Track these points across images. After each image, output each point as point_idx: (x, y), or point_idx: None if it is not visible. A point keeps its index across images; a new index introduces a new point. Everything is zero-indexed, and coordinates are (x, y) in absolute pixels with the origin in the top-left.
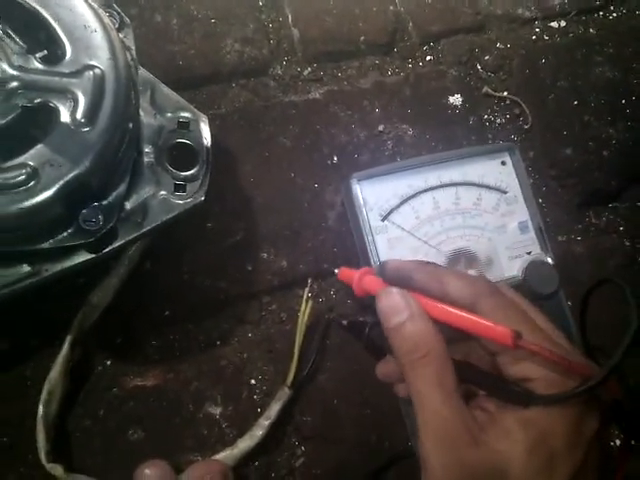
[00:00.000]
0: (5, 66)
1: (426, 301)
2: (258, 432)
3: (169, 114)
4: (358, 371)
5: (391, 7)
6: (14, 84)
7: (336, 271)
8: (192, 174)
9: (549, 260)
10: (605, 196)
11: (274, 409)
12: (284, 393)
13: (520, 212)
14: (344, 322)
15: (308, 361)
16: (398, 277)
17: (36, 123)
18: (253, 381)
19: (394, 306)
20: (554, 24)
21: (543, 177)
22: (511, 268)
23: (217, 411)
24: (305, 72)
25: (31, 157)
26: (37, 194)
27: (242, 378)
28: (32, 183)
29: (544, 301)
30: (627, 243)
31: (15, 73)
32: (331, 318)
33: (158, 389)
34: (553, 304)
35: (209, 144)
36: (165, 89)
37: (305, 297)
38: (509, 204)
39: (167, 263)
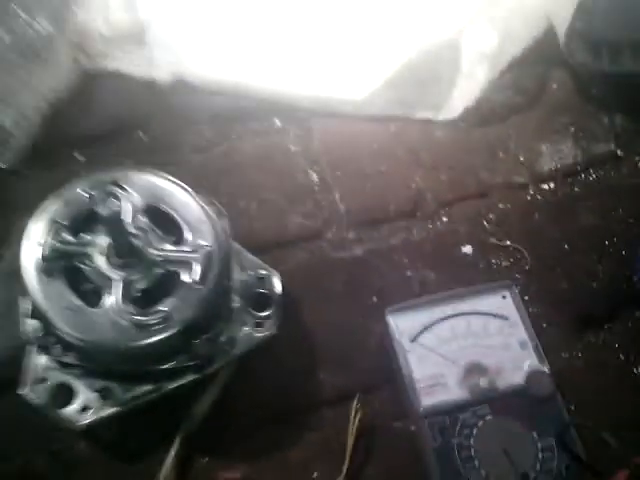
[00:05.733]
0: (151, 250)
1: None
2: None
3: (251, 272)
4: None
5: (413, 185)
6: (156, 259)
7: None
8: (268, 314)
9: (545, 370)
10: (599, 319)
11: None
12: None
13: (520, 333)
14: None
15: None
16: None
17: (169, 283)
18: (316, 474)
19: None
20: (545, 186)
21: (545, 306)
22: (516, 377)
23: None
24: (349, 235)
25: (166, 305)
26: (169, 330)
27: (308, 474)
28: (166, 323)
29: (544, 404)
30: (622, 357)
31: (156, 253)
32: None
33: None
34: (551, 406)
35: (280, 292)
36: (248, 255)
37: (354, 408)
38: (511, 327)
39: (248, 382)
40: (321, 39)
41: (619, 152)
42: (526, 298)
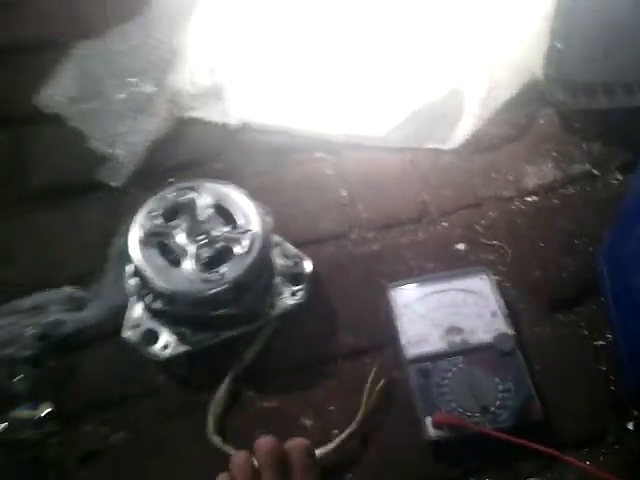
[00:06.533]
0: (215, 231)
1: None
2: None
3: (290, 258)
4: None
5: (420, 199)
6: (218, 237)
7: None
8: (300, 288)
9: (509, 332)
10: (567, 303)
11: (346, 432)
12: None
13: (492, 306)
14: None
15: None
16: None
17: (226, 253)
18: (332, 407)
19: None
20: (528, 199)
21: (522, 291)
22: (486, 336)
23: (309, 423)
24: (368, 236)
25: (223, 268)
26: (225, 284)
27: (326, 407)
28: (223, 279)
29: (506, 357)
30: (585, 332)
31: (218, 233)
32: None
33: (276, 409)
34: (512, 359)
35: (310, 272)
36: (288, 245)
37: (372, 374)
38: (485, 301)
39: (284, 338)
40: (352, 89)
41: (595, 172)
42: (507, 285)
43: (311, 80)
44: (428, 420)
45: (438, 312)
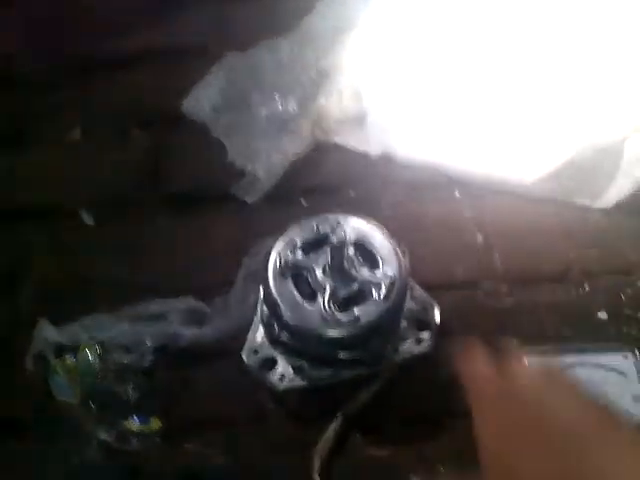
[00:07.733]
0: (354, 271)
1: None
2: None
3: (418, 302)
4: None
5: (563, 256)
6: (356, 278)
7: None
8: (425, 336)
9: None
10: None
11: None
12: None
13: (635, 389)
14: None
15: None
16: None
17: (362, 296)
18: (442, 469)
19: None
20: None
21: None
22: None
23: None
24: (503, 289)
25: (357, 310)
26: (356, 328)
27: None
28: (355, 322)
29: None
30: None
31: (357, 273)
32: None
33: (384, 459)
34: None
35: (437, 322)
36: (418, 288)
37: None
38: (627, 382)
39: (401, 385)
40: (503, 130)
41: None
42: None
43: (460, 115)
44: None
45: None
